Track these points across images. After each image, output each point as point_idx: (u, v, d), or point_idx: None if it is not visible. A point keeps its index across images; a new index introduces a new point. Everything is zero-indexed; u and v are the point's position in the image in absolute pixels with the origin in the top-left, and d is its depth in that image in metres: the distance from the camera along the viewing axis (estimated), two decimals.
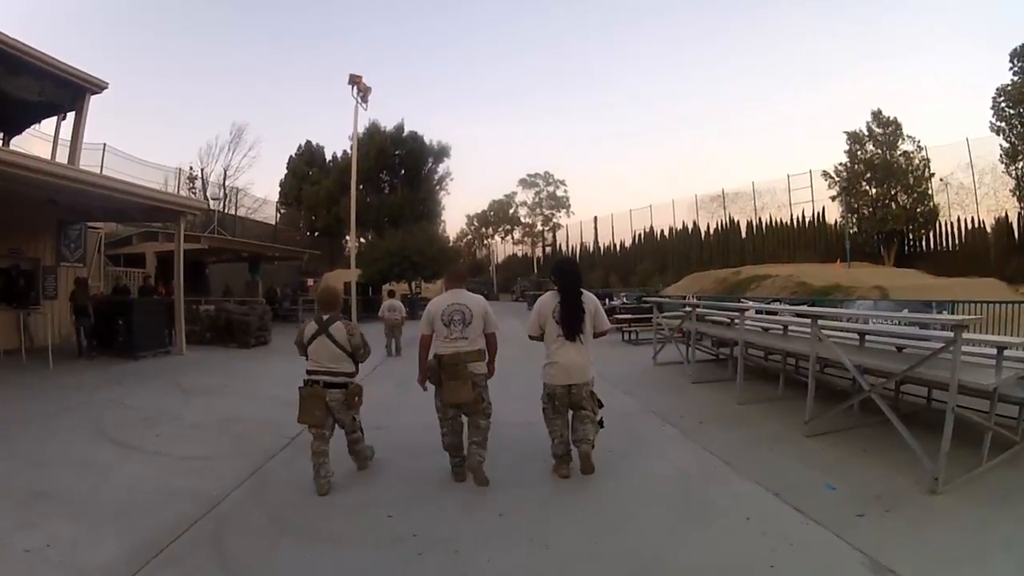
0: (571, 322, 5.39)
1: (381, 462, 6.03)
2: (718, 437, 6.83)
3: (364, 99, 25.36)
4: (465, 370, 5.26)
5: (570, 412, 5.65)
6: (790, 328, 9.51)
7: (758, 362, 11.04)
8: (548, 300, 5.59)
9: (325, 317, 5.47)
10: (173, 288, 16.31)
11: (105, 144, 28.19)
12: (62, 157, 17.10)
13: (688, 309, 11.83)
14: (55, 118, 17.98)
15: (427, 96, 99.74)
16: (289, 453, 6.49)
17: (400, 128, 42.64)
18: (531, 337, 5.77)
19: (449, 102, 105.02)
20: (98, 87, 17.75)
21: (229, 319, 16.84)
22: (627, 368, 12.36)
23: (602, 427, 5.68)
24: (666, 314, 14.00)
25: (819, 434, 6.69)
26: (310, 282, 32.80)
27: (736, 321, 10.11)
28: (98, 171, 26.76)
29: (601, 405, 5.71)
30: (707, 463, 5.94)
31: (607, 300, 20.06)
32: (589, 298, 5.55)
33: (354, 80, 24.71)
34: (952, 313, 10.75)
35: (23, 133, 19.35)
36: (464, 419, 5.52)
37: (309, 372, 5.43)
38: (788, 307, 11.75)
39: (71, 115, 17.83)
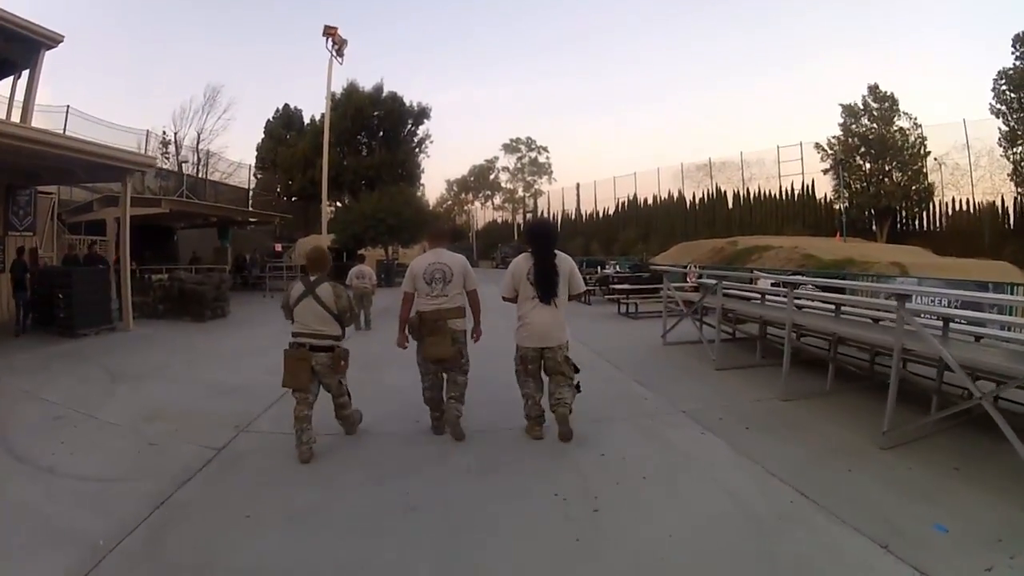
0: (545, 284, 5.33)
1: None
2: (774, 450, 5.28)
3: (339, 52, 23.46)
4: (446, 326, 5.39)
5: (545, 377, 5.59)
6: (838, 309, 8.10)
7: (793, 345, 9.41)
8: (522, 262, 5.49)
9: (312, 278, 5.33)
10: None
11: (68, 107, 26.16)
12: (16, 119, 15.37)
13: (710, 281, 10.05)
14: (10, 79, 16.32)
15: (408, 60, 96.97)
16: (214, 471, 4.96)
17: (379, 88, 40.50)
18: (504, 299, 5.71)
19: (430, 66, 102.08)
20: (52, 41, 16.13)
21: (183, 289, 14.94)
22: (633, 348, 10.73)
23: (579, 391, 5.57)
24: (675, 284, 12.19)
25: (895, 445, 5.30)
26: (278, 247, 30.67)
27: (776, 297, 8.74)
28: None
29: (577, 370, 5.57)
30: (776, 493, 4.38)
31: (599, 268, 18.41)
32: (564, 259, 5.47)
33: (328, 32, 22.81)
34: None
35: None
36: (444, 375, 5.65)
37: (295, 334, 5.32)
38: (855, 284, 10.10)
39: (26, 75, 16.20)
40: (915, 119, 36.05)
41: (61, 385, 8.02)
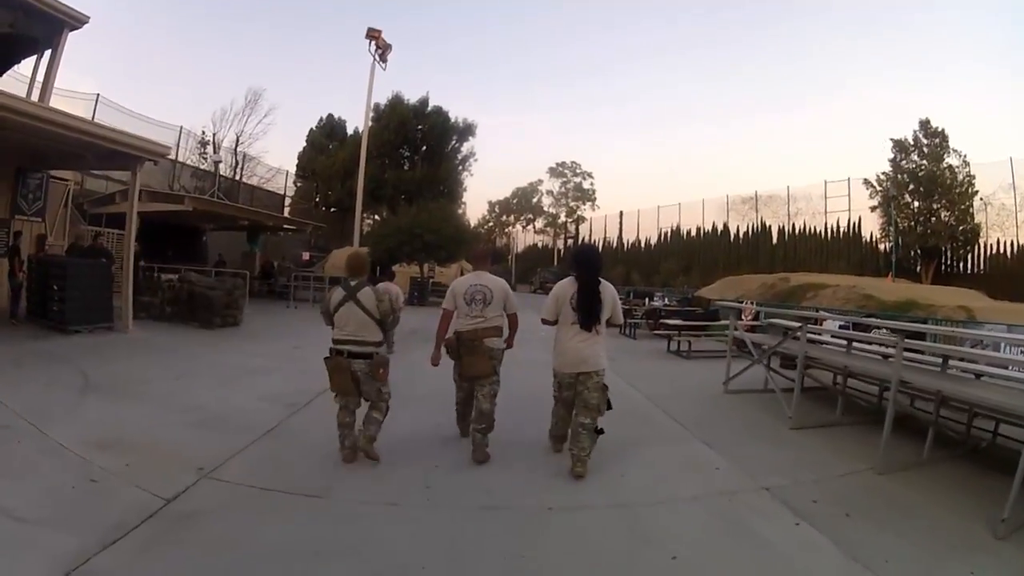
0: (587, 310, 5.23)
1: None
2: (886, 548, 4.07)
3: (383, 57, 22.43)
4: (482, 345, 5.41)
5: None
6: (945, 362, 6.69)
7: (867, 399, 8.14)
8: (566, 286, 5.40)
9: (353, 283, 5.24)
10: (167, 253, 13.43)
11: (99, 95, 25.49)
12: (35, 99, 14.62)
13: (787, 323, 8.79)
14: (33, 58, 15.78)
15: (454, 80, 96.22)
16: (151, 532, 3.75)
17: (424, 102, 39.29)
18: (544, 321, 5.59)
19: (477, 85, 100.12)
20: (77, 21, 15.45)
21: (192, 292, 13.75)
22: (691, 395, 9.20)
23: (601, 433, 5.35)
24: (730, 322, 10.68)
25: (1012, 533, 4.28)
26: (306, 256, 29.43)
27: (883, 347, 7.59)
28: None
29: (610, 407, 5.43)
30: None
31: (647, 300, 16.89)
32: (607, 288, 5.42)
33: (372, 35, 21.80)
34: None
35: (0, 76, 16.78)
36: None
37: (335, 341, 5.23)
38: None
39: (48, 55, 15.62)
40: (964, 156, 34.28)
41: (25, 388, 6.95)
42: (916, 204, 34.70)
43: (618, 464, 5.51)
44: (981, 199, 33.07)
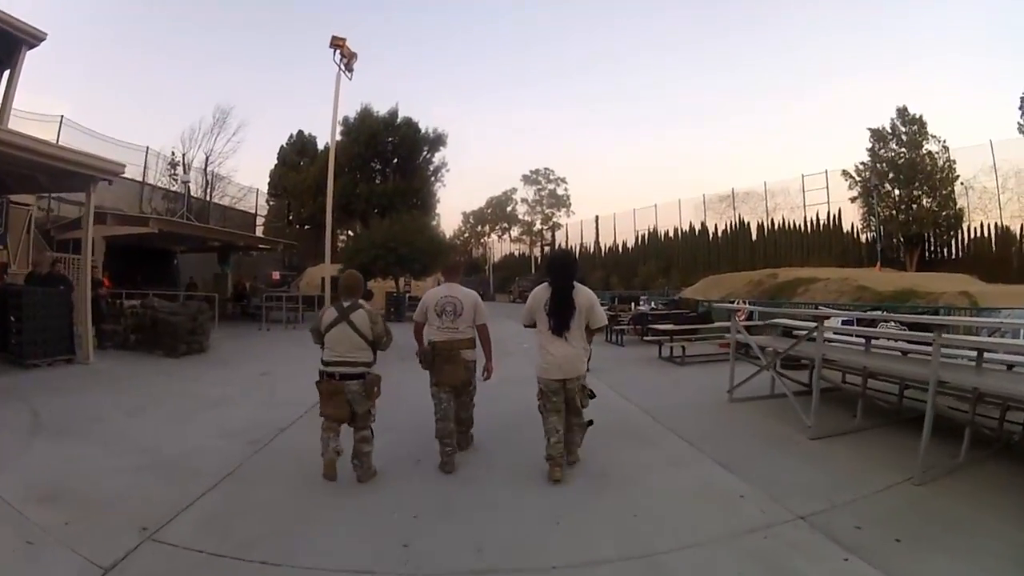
0: (560, 316, 5.21)
1: None
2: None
3: (348, 67, 21.53)
4: (459, 356, 5.51)
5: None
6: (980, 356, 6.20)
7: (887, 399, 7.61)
8: (541, 292, 5.40)
9: (346, 304, 5.15)
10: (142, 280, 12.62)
11: (63, 116, 24.59)
12: None
13: (800, 324, 8.20)
14: None
15: (424, 93, 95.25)
16: None
17: (394, 113, 38.36)
18: (525, 326, 5.65)
19: (446, 98, 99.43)
20: (34, 39, 15.09)
21: (155, 319, 12.83)
22: (693, 406, 8.40)
23: (591, 425, 5.59)
24: (727, 323, 10.10)
25: None
26: (275, 275, 28.39)
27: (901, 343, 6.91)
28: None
29: (592, 396, 5.50)
30: None
31: (632, 304, 16.18)
32: (582, 292, 5.33)
33: (336, 43, 20.86)
34: None
35: None
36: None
37: (326, 363, 5.07)
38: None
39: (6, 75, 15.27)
40: (943, 142, 34.28)
41: None
42: (897, 192, 34.71)
43: (626, 498, 4.81)
44: (962, 183, 33.15)
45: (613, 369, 11.21)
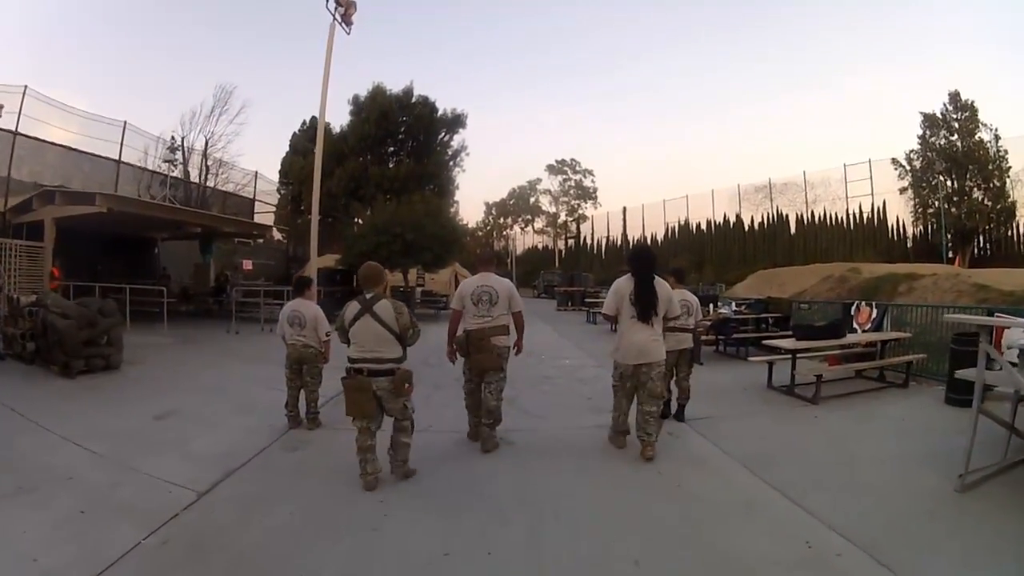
0: (645, 303, 5.35)
1: None
2: None
3: (346, 19, 17.28)
4: (490, 343, 5.53)
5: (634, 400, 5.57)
6: None
7: None
8: (624, 283, 5.53)
9: (369, 296, 4.78)
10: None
11: (26, 87, 20.59)
12: None
13: None
14: None
15: (445, 84, 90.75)
16: None
17: (408, 92, 33.83)
18: (605, 316, 5.80)
19: (467, 85, 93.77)
20: None
21: (45, 322, 8.75)
22: (903, 510, 4.20)
23: (665, 417, 5.92)
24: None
25: None
26: (247, 264, 24.11)
27: None
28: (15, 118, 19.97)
29: (669, 393, 5.98)
30: None
31: (709, 307, 11.88)
32: (662, 284, 5.50)
33: None
34: None
35: None
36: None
37: (352, 360, 4.70)
38: None
39: None
40: (995, 130, 31.03)
41: None
42: (950, 183, 31.74)
43: None
44: (1008, 177, 30.63)
45: (710, 409, 7.03)
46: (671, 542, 3.65)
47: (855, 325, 9.81)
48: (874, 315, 9.89)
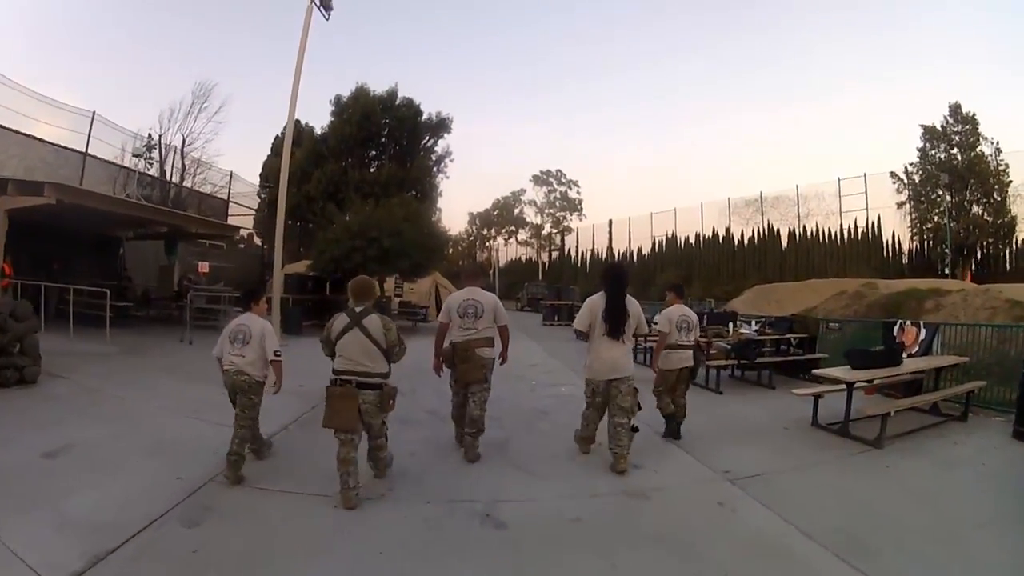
0: (615, 320, 5.39)
1: None
2: None
3: (325, 4, 15.54)
4: (475, 355, 5.53)
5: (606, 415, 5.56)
6: None
7: None
8: (597, 300, 5.56)
9: (358, 309, 4.62)
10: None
11: None
12: None
13: None
14: None
15: (432, 89, 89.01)
16: None
17: (393, 93, 32.16)
18: (577, 332, 5.78)
19: (454, 95, 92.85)
20: None
21: None
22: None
23: (636, 431, 5.45)
24: None
25: None
26: (203, 268, 22.26)
27: None
28: None
29: (639, 408, 5.48)
30: None
31: (730, 326, 10.32)
32: (632, 302, 5.57)
33: None
34: None
35: None
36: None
37: (337, 372, 4.54)
38: None
39: None
40: (996, 144, 30.39)
41: None
42: (949, 198, 30.70)
43: None
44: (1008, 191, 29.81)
45: (758, 458, 5.61)
46: None
47: (904, 342, 8.38)
48: (922, 336, 8.41)
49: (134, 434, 5.74)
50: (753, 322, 11.41)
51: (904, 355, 8.00)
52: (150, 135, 27.69)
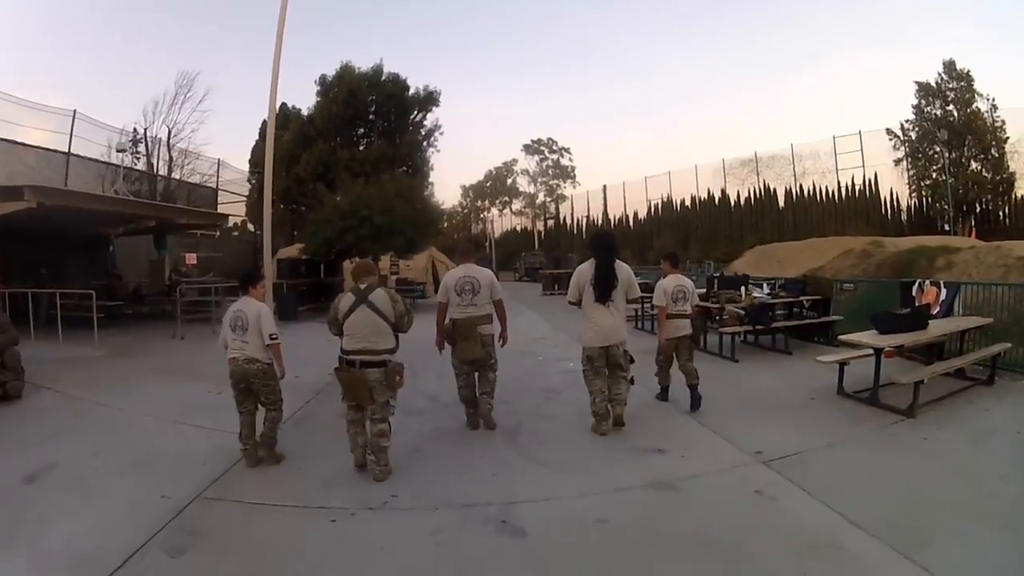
0: (604, 287, 5.48)
1: None
2: None
3: None
4: (475, 331, 5.60)
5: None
6: None
7: None
8: (586, 268, 5.67)
9: (363, 286, 4.69)
10: None
11: None
12: None
13: None
14: None
15: (418, 64, 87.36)
16: None
17: (378, 70, 31.64)
18: (570, 303, 5.86)
19: (442, 68, 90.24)
20: None
21: None
22: None
23: (632, 384, 5.76)
24: None
25: None
26: (191, 260, 21.87)
27: None
28: None
29: (632, 361, 5.72)
30: None
31: (742, 290, 9.97)
32: (622, 267, 5.64)
33: None
34: None
35: None
36: (476, 374, 5.82)
37: (345, 351, 4.60)
38: None
39: None
40: (992, 100, 30.35)
41: None
42: (947, 154, 30.78)
43: None
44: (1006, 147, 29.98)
45: (788, 435, 5.27)
46: None
47: (928, 302, 8.03)
48: (943, 296, 8.03)
49: (119, 448, 5.33)
50: (765, 285, 11.01)
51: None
52: (135, 129, 27.31)
